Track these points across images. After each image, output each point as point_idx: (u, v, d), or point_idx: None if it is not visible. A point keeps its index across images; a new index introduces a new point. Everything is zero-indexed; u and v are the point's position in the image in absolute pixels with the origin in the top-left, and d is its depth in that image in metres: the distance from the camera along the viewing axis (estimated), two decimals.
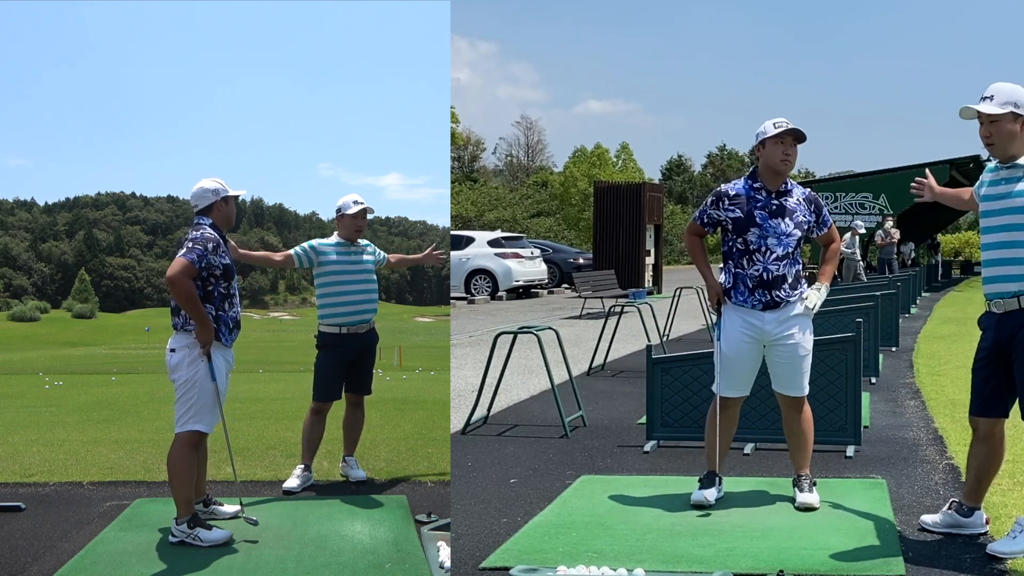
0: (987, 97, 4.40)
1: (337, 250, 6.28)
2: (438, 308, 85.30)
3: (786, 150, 5.09)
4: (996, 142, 4.41)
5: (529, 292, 26.39)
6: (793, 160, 5.12)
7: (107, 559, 4.69)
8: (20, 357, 30.13)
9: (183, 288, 4.84)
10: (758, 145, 5.16)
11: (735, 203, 5.16)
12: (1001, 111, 4.35)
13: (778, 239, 5.11)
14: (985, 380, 4.55)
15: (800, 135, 5.08)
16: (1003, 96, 4.36)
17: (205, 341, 4.94)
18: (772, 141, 5.08)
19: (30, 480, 6.54)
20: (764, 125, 5.12)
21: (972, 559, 4.35)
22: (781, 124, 5.08)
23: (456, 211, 53.89)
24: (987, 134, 4.42)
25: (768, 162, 5.13)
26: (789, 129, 5.06)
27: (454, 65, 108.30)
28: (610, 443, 7.00)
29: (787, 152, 5.09)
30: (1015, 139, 4.38)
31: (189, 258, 4.88)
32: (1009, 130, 4.37)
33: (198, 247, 4.93)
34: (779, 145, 5.08)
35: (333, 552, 4.81)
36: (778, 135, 5.06)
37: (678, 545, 4.61)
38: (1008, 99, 4.35)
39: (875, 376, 9.87)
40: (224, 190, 5.18)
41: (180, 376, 4.96)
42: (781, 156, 5.09)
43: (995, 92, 4.39)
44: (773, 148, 5.09)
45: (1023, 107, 4.35)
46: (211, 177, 5.22)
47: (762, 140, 5.11)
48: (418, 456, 7.39)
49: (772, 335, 5.15)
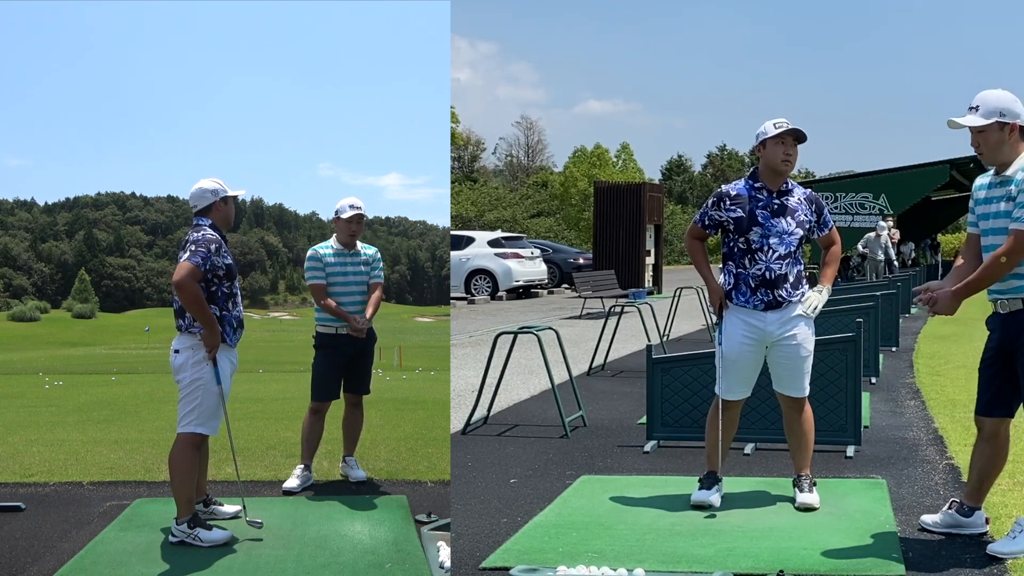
0: (974, 107, 4.42)
1: (335, 253, 6.31)
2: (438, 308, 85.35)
3: (787, 150, 5.09)
4: (984, 152, 4.46)
5: (529, 292, 26.39)
6: (794, 160, 5.13)
7: (107, 559, 4.69)
8: (20, 357, 30.13)
9: (190, 292, 4.82)
10: (758, 145, 5.16)
11: (737, 203, 5.15)
12: (985, 122, 4.37)
13: (780, 238, 5.11)
14: (990, 380, 4.55)
15: (800, 135, 5.08)
16: (988, 105, 4.37)
17: (212, 345, 4.94)
18: (773, 141, 5.08)
19: (30, 480, 6.54)
20: (764, 125, 5.12)
21: (972, 559, 4.35)
22: (781, 124, 5.08)
23: (456, 211, 53.91)
24: (976, 144, 4.47)
25: (769, 162, 5.13)
26: (789, 129, 5.06)
27: (454, 65, 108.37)
28: (610, 443, 7.00)
29: (788, 152, 5.09)
30: (1003, 147, 4.39)
31: (194, 262, 4.87)
32: (996, 139, 4.39)
33: (201, 249, 4.91)
34: (780, 145, 5.08)
35: (333, 552, 4.81)
36: (779, 135, 5.06)
37: (678, 545, 4.62)
38: (993, 108, 4.36)
39: (875, 376, 9.87)
40: (223, 190, 5.17)
41: (184, 377, 4.96)
42: (782, 156, 5.09)
43: (981, 102, 4.40)
44: (774, 148, 5.09)
45: (1009, 115, 4.35)
46: (210, 177, 5.21)
47: (763, 140, 5.11)
48: (418, 456, 7.39)
49: (774, 335, 5.15)
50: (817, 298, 5.17)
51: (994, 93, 4.40)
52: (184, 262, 4.87)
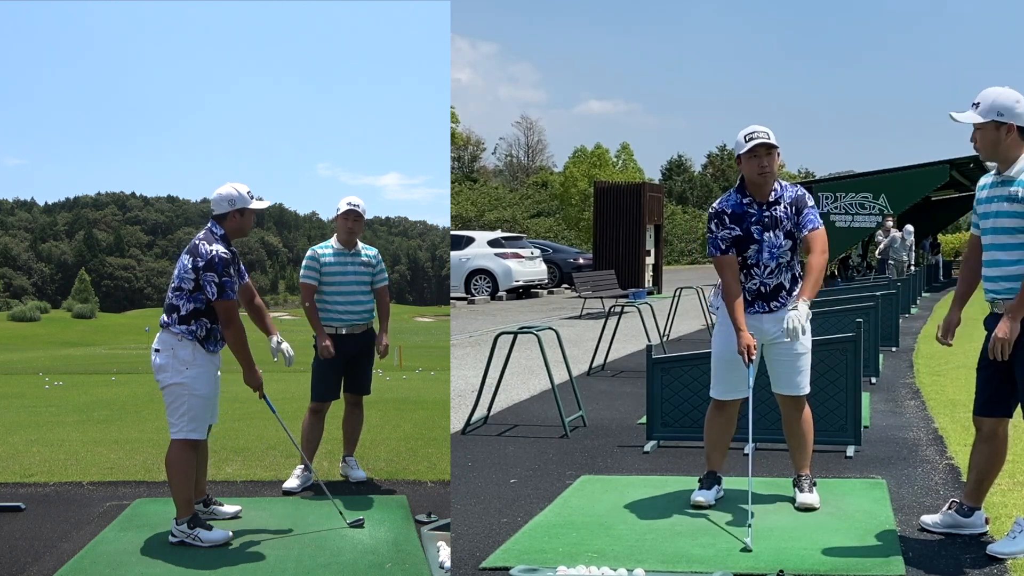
0: (975, 103, 4.43)
1: (335, 252, 6.31)
2: (438, 308, 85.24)
3: (761, 163, 5.04)
4: (980, 148, 4.49)
5: (529, 292, 26.39)
6: (771, 168, 5.05)
7: (107, 559, 4.69)
8: (20, 357, 30.11)
9: (241, 334, 4.95)
10: (736, 159, 5.16)
11: (734, 222, 5.13)
12: (983, 120, 4.38)
13: (771, 252, 5.11)
14: (987, 380, 4.56)
15: (770, 146, 5.02)
16: (988, 103, 4.39)
17: (257, 385, 5.10)
18: (746, 156, 5.06)
19: (30, 480, 6.54)
20: (738, 138, 5.07)
21: (972, 559, 4.35)
22: (752, 137, 5.02)
23: (456, 211, 53.91)
24: (973, 140, 4.50)
25: (748, 176, 5.12)
26: (758, 143, 5.00)
27: (454, 65, 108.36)
28: (610, 443, 7.00)
29: (762, 164, 5.04)
30: (999, 146, 4.40)
31: (231, 298, 4.91)
32: (992, 138, 4.40)
33: (225, 279, 4.88)
34: (753, 159, 5.05)
35: (333, 552, 4.81)
36: (750, 150, 5.03)
37: (678, 545, 4.62)
38: (992, 106, 4.37)
39: (875, 376, 9.87)
40: (242, 200, 5.09)
41: (165, 379, 4.95)
42: (758, 170, 5.06)
43: (982, 99, 4.42)
44: (749, 163, 5.08)
45: (1007, 115, 4.35)
46: (235, 183, 5.11)
47: (738, 156, 5.10)
48: (418, 456, 7.39)
49: (770, 334, 5.15)
50: (795, 318, 4.86)
51: (996, 91, 4.40)
52: (222, 301, 4.87)
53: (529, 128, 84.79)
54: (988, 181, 4.56)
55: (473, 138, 77.41)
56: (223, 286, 4.87)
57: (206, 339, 4.97)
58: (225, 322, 4.91)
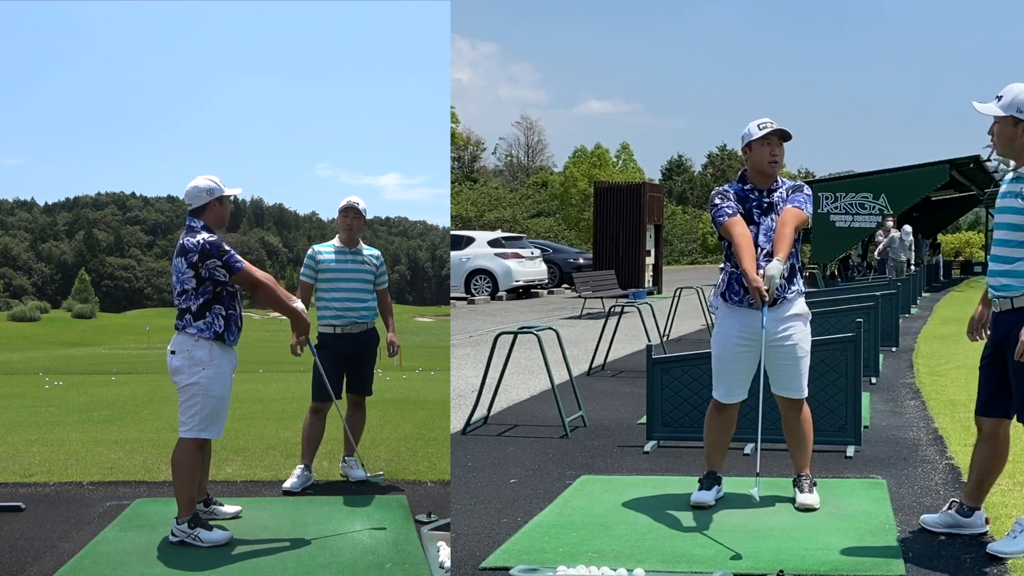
0: (999, 96, 4.42)
1: (336, 251, 6.31)
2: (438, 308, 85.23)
3: (772, 151, 5.06)
4: (997, 142, 4.47)
5: (529, 292, 26.38)
6: (780, 159, 5.09)
7: (107, 559, 4.69)
8: (20, 357, 30.12)
9: (270, 289, 5.03)
10: (745, 147, 5.15)
11: (737, 202, 5.14)
12: (1002, 113, 4.37)
13: (767, 236, 5.10)
14: (987, 379, 4.56)
15: (785, 134, 5.05)
16: (1010, 98, 4.38)
17: (303, 331, 5.22)
18: (758, 143, 5.06)
19: (30, 480, 6.54)
20: (749, 127, 5.09)
21: (972, 559, 4.35)
22: (766, 125, 5.05)
23: (456, 211, 53.89)
24: (991, 132, 4.49)
25: (756, 164, 5.11)
26: (774, 130, 5.04)
27: (455, 65, 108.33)
28: (610, 443, 7.00)
29: (774, 152, 5.06)
30: (1014, 142, 4.39)
31: (242, 267, 4.97)
32: (1008, 134, 4.39)
33: (226, 256, 4.94)
34: (765, 147, 5.06)
35: (333, 552, 4.81)
36: (764, 137, 5.04)
37: (678, 545, 4.62)
38: (1014, 102, 4.36)
39: (875, 376, 9.87)
40: (219, 189, 5.12)
41: (181, 380, 4.95)
42: (768, 158, 5.07)
43: (1006, 93, 4.41)
44: (760, 150, 5.08)
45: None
46: (206, 175, 5.15)
47: (748, 143, 5.10)
48: (418, 456, 7.39)
49: (770, 334, 5.13)
50: (771, 268, 4.82)
51: (1020, 87, 4.38)
52: (237, 275, 4.95)
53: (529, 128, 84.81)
54: (1009, 177, 4.56)
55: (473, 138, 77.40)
56: (229, 263, 4.93)
57: (225, 329, 4.98)
58: (251, 287, 5.00)
